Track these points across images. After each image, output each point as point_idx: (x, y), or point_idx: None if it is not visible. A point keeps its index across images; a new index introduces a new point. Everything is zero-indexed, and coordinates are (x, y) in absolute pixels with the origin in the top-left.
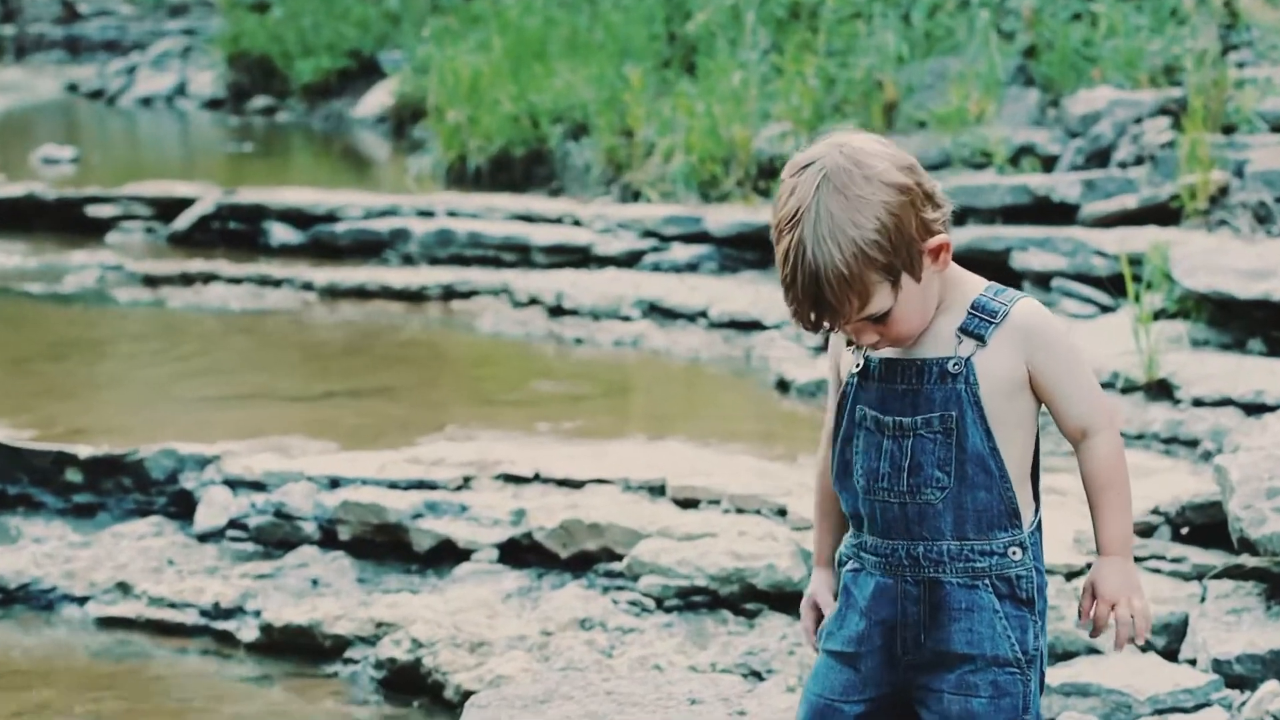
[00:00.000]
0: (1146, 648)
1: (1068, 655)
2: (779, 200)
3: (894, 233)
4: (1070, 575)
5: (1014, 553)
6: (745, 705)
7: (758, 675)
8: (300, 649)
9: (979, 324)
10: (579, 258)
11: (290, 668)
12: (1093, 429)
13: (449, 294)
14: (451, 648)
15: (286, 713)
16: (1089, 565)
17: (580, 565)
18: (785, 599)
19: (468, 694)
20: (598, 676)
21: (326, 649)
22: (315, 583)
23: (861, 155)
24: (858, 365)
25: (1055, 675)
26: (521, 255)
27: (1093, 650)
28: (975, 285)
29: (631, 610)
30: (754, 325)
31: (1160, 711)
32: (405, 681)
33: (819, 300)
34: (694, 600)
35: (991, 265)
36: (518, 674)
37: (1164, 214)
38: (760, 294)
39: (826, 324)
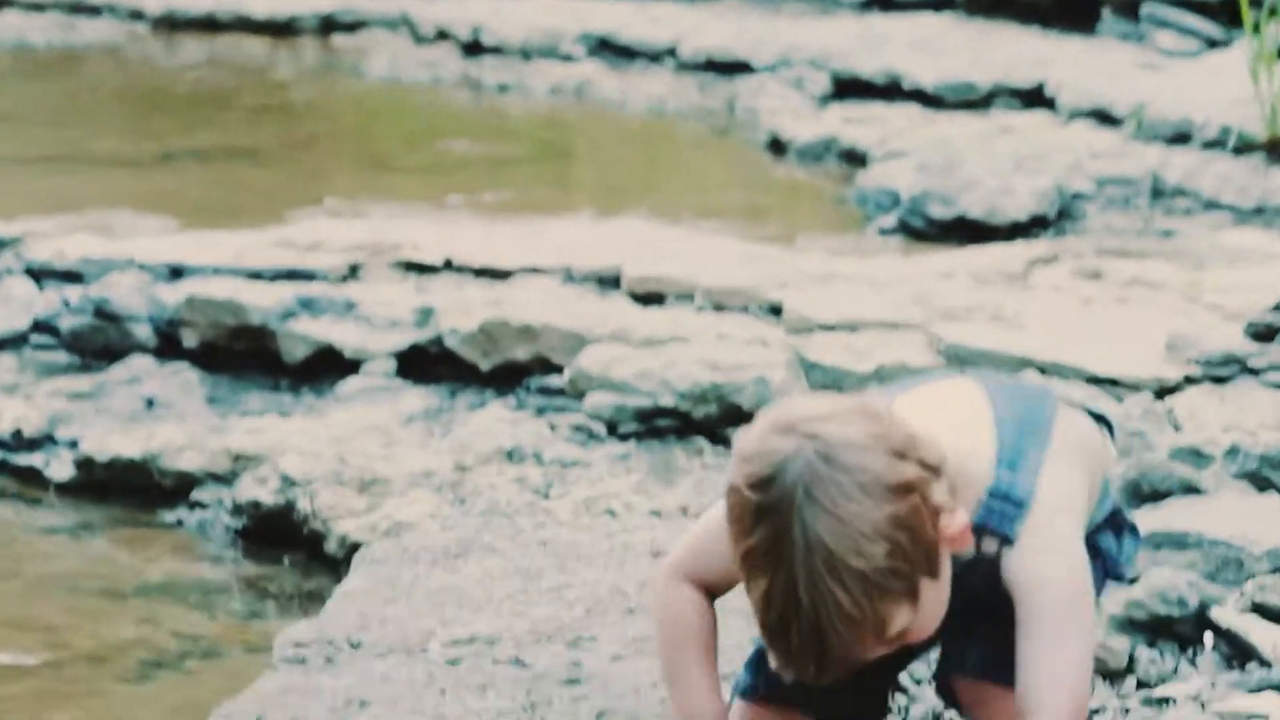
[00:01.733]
0: (1265, 485)
1: (1157, 495)
2: (739, 521)
3: (910, 548)
4: (1161, 392)
5: None
6: None
7: None
8: (131, 490)
9: (1002, 517)
10: None
11: (118, 514)
12: (1037, 710)
13: (329, 26)
14: (335, 487)
15: (112, 575)
16: (1187, 379)
17: (507, 380)
18: None
19: (356, 547)
20: (530, 523)
21: (167, 490)
22: (151, 403)
23: (844, 453)
24: None
25: (1142, 521)
26: None
27: (1191, 489)
28: (982, 460)
29: (575, 438)
30: (739, 67)
31: None
32: (273, 531)
33: (823, 651)
34: (658, 425)
35: None
36: (423, 520)
37: None
38: (747, 26)
39: (832, 673)
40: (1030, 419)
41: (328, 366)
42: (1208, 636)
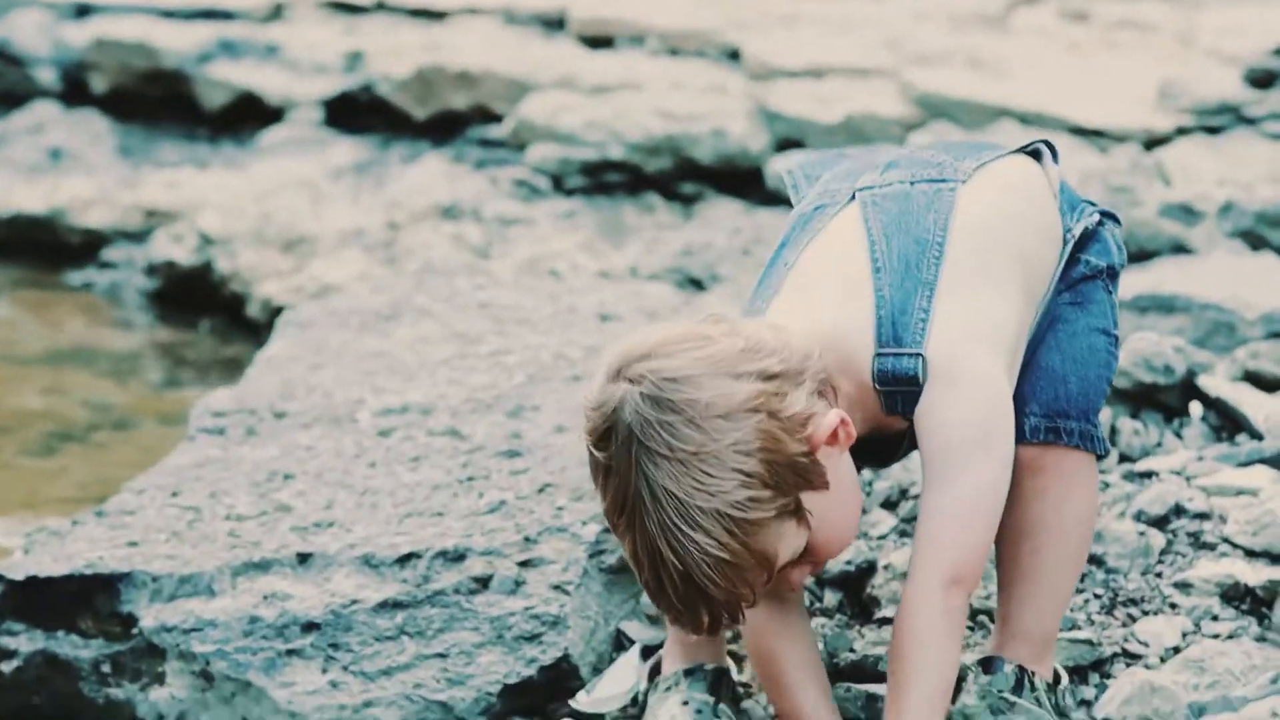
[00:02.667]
0: (1260, 244)
1: (1144, 255)
2: (594, 479)
3: (766, 471)
4: (1150, 144)
5: None
6: None
7: (696, 284)
8: (36, 248)
9: (905, 400)
10: None
11: (21, 275)
12: (916, 567)
13: None
14: (257, 246)
15: (15, 341)
16: (1179, 130)
17: (443, 130)
18: (737, 178)
19: (279, 310)
20: (468, 284)
21: (74, 248)
22: (56, 154)
23: (673, 389)
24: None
25: (1128, 283)
26: None
27: (1180, 249)
28: (862, 340)
29: (518, 193)
30: None
31: (1278, 334)
32: (189, 293)
33: (707, 600)
34: (607, 180)
35: None
36: (352, 282)
37: None
38: None
39: (726, 619)
40: (916, 255)
41: (249, 115)
42: (1195, 406)
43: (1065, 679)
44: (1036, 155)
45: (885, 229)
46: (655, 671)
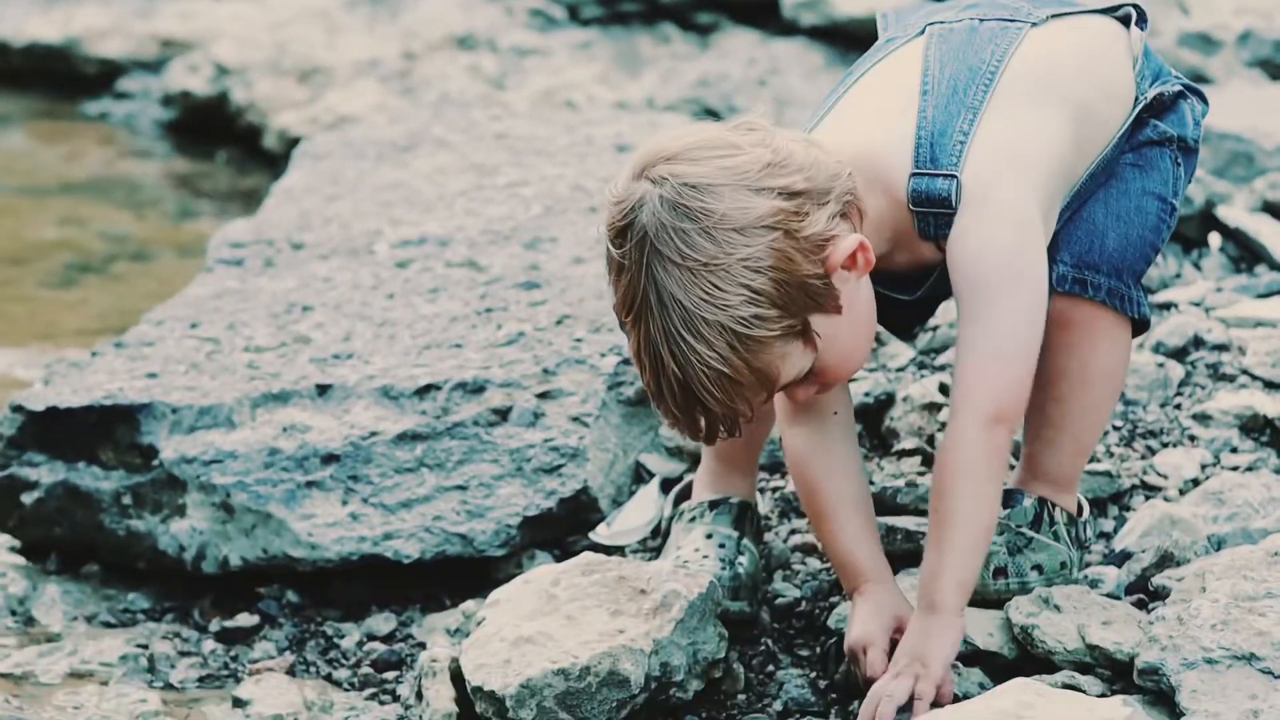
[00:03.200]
0: (1278, 73)
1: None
2: (609, 272)
3: (774, 290)
4: None
5: None
6: None
7: (713, 114)
8: (51, 78)
9: (938, 222)
10: None
11: (37, 106)
12: (959, 406)
13: None
14: (273, 76)
15: (32, 172)
16: None
17: None
18: (753, 7)
19: (296, 141)
20: (484, 115)
21: (90, 79)
22: None
23: (692, 196)
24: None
25: None
26: None
27: (1199, 78)
28: (900, 161)
29: (533, 24)
30: None
31: None
32: (204, 123)
33: (705, 410)
34: (622, 9)
35: None
36: (369, 112)
37: None
38: None
39: (723, 432)
40: (967, 81)
41: None
42: (1213, 237)
43: (1087, 511)
44: (1125, 21)
45: (942, 57)
46: (679, 500)
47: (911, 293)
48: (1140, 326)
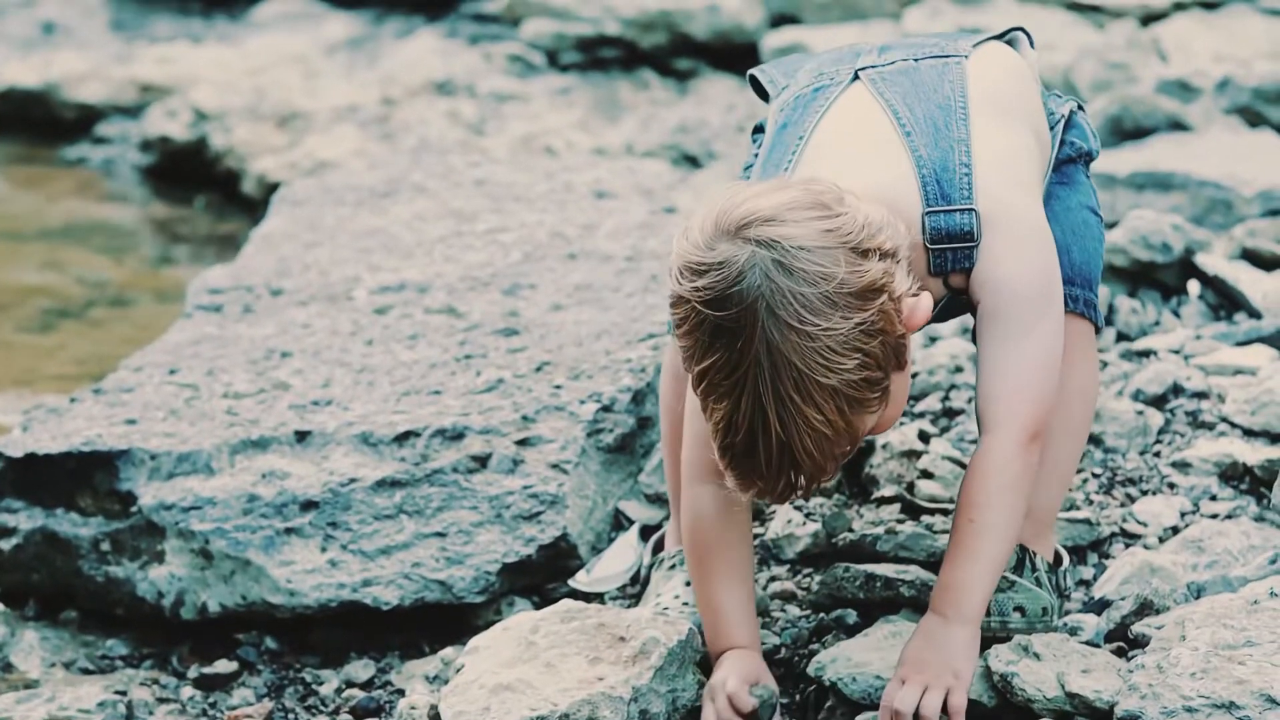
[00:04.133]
0: (1257, 120)
1: (1141, 132)
2: (694, 338)
3: (880, 352)
4: (1146, 19)
5: None
6: (674, 200)
7: (692, 160)
8: (30, 124)
9: (955, 257)
10: None
11: (15, 151)
12: (996, 423)
13: None
14: (251, 121)
15: (10, 217)
16: (1176, 5)
17: (437, 4)
18: (732, 54)
19: (275, 187)
20: (463, 161)
21: (69, 124)
22: (49, 28)
23: (803, 260)
24: None
25: (1124, 160)
26: None
27: (1178, 125)
28: (909, 203)
29: (512, 69)
30: None
31: (1275, 212)
32: (183, 168)
33: (795, 471)
34: (601, 55)
35: None
36: (348, 158)
37: None
38: None
39: (801, 491)
40: (943, 117)
41: None
42: (1193, 284)
43: (1067, 560)
44: (1012, 44)
45: (904, 98)
46: (659, 548)
47: None
48: (1099, 331)
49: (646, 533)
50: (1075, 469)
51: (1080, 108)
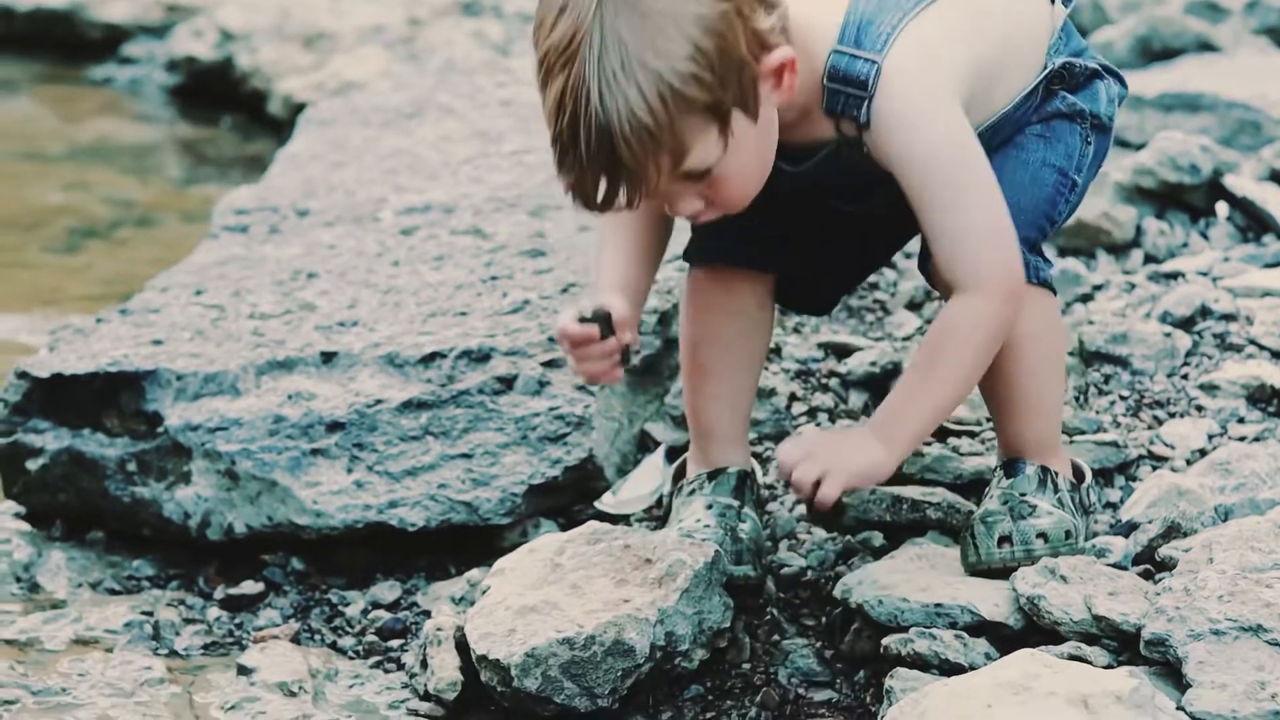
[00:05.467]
0: None
1: (1169, 52)
2: (541, 23)
3: (717, 57)
4: None
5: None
6: None
7: None
8: (56, 43)
9: (846, 101)
10: None
11: (41, 70)
12: (965, 285)
13: None
14: (277, 41)
15: (36, 136)
16: None
17: None
18: None
19: (301, 107)
20: (490, 81)
21: (95, 43)
22: None
23: None
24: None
25: (1151, 81)
26: None
27: (1206, 46)
28: (824, 36)
29: None
30: None
31: None
32: (209, 89)
33: (613, 164)
34: None
35: None
36: (374, 78)
37: None
38: None
39: (622, 197)
40: None
41: None
42: (1221, 206)
43: (1089, 476)
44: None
45: None
46: (679, 475)
47: (797, 166)
48: (1048, 289)
49: (673, 454)
50: (1056, 405)
51: (1110, 75)
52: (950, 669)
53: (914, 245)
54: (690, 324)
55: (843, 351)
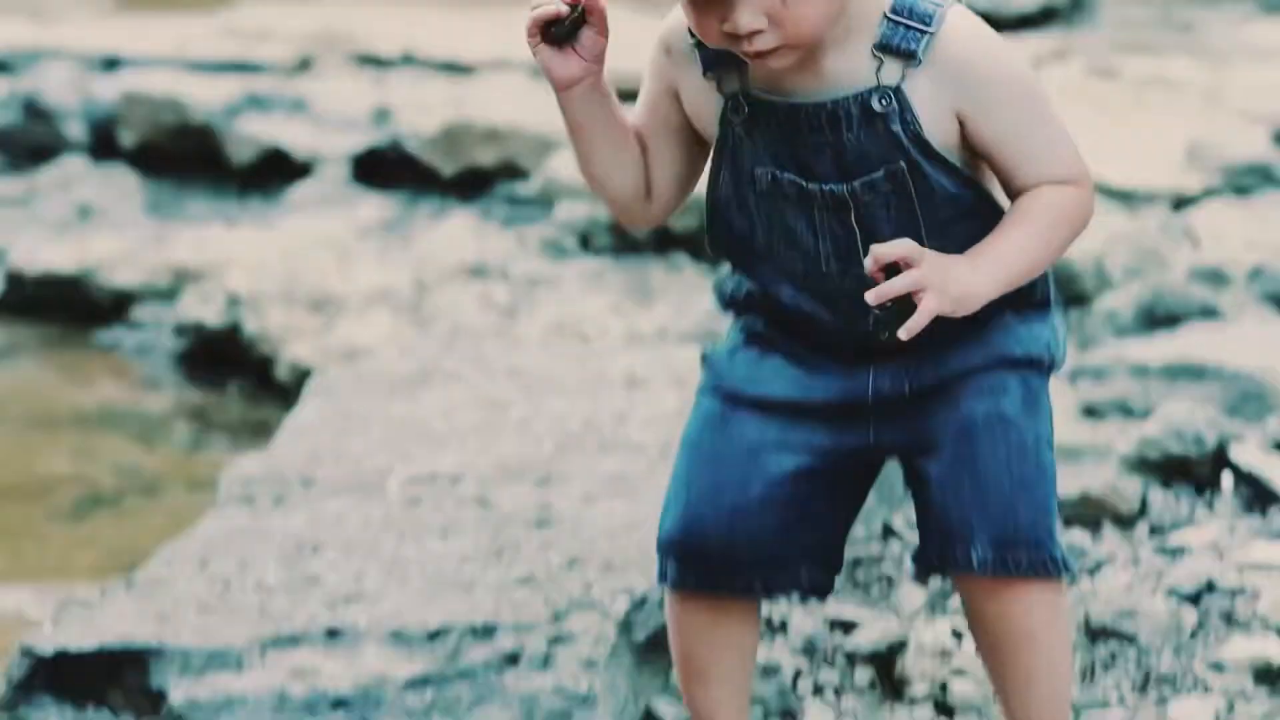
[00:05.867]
0: None
1: (1173, 319)
2: None
3: None
4: (1178, 203)
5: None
6: None
7: None
8: (64, 307)
9: (905, 35)
10: None
11: (49, 334)
12: (1066, 180)
13: None
14: (284, 306)
15: (44, 402)
16: (1207, 191)
17: (471, 187)
18: None
19: (307, 373)
20: (496, 348)
21: (102, 307)
22: (85, 211)
23: None
24: (737, 110)
25: (1155, 350)
26: None
27: (1210, 313)
28: None
29: (545, 253)
30: None
31: None
32: (217, 354)
33: None
34: (634, 239)
35: None
36: (380, 344)
37: None
38: None
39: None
40: None
41: (277, 170)
42: (1226, 478)
43: None
44: None
45: None
46: None
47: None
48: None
49: None
50: (1068, 689)
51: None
52: None
53: (911, 535)
54: (678, 643)
55: (848, 626)
